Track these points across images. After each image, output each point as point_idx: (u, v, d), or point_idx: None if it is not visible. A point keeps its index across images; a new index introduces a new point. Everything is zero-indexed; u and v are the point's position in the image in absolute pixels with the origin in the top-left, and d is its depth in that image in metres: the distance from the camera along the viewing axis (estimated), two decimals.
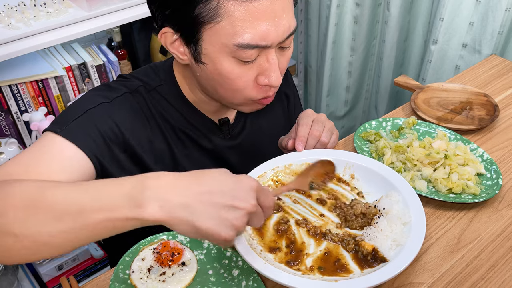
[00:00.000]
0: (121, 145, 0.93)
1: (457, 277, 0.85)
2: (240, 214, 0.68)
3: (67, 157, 0.85)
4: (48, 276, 1.92)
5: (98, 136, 0.89)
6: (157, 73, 1.01)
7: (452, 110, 1.27)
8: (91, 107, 0.91)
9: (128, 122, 0.94)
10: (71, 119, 0.89)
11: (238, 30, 0.81)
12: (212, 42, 0.84)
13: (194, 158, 1.03)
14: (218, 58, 0.85)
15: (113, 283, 0.81)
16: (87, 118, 0.90)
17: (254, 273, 0.82)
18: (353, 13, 2.05)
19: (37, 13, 1.62)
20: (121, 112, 0.94)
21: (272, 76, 0.88)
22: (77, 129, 0.88)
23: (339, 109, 2.39)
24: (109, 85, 0.98)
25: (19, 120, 1.75)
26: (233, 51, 0.83)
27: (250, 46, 0.82)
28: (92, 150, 0.87)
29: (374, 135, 1.15)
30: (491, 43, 1.57)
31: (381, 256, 0.82)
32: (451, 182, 0.99)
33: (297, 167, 1.02)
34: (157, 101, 0.98)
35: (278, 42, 0.85)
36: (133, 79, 1.00)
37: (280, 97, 1.21)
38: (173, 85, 1.00)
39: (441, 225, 0.95)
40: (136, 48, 2.07)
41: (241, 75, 0.87)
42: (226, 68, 0.86)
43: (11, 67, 1.71)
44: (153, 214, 0.64)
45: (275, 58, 0.87)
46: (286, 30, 0.85)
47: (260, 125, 1.14)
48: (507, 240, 0.91)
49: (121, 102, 0.95)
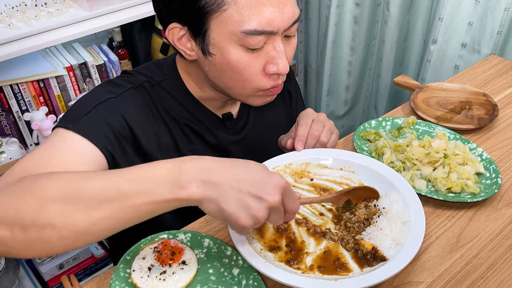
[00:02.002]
0: (129, 139, 0.94)
1: (457, 276, 0.86)
2: (263, 206, 0.70)
3: (82, 151, 0.86)
4: (49, 275, 1.92)
5: (109, 130, 0.90)
6: (160, 69, 1.02)
7: (451, 109, 1.27)
8: (99, 103, 0.92)
9: (135, 116, 0.95)
10: (81, 114, 0.90)
11: (245, 17, 0.83)
12: (220, 32, 0.85)
13: (199, 153, 1.03)
14: (226, 47, 0.87)
15: (113, 281, 0.81)
16: (97, 113, 0.91)
17: (254, 272, 0.83)
18: (353, 13, 2.05)
19: (38, 13, 1.63)
20: (129, 106, 0.95)
21: (280, 63, 0.89)
22: (88, 124, 0.89)
23: (338, 109, 2.39)
24: (114, 81, 0.99)
25: (20, 120, 1.75)
26: (240, 38, 0.85)
27: (257, 32, 0.84)
28: (105, 144, 0.88)
29: (373, 135, 1.15)
30: (490, 43, 1.57)
31: (381, 255, 0.82)
32: (450, 181, 1.00)
33: (297, 167, 1.02)
34: (161, 96, 0.99)
35: (284, 29, 0.87)
36: (137, 75, 1.01)
37: (283, 93, 1.22)
38: (176, 80, 1.01)
39: (440, 224, 0.95)
40: (137, 47, 2.07)
41: (249, 64, 0.88)
42: (235, 57, 0.87)
43: (12, 67, 1.72)
44: (192, 194, 0.67)
45: (281, 45, 0.88)
46: (291, 17, 0.87)
47: (263, 120, 1.15)
48: (506, 239, 0.92)
49: (127, 97, 0.96)
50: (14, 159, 1.63)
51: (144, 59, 2.11)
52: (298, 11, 0.90)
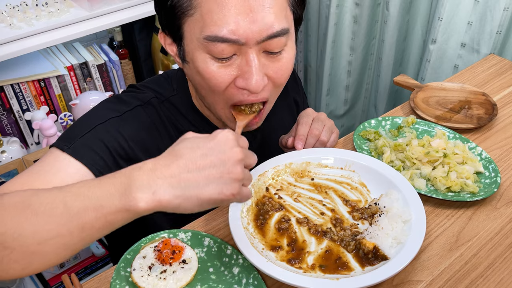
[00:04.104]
0: (130, 160, 0.91)
1: (456, 274, 0.86)
2: (231, 164, 0.65)
3: (70, 173, 0.84)
4: (50, 274, 1.93)
5: (105, 152, 0.88)
6: (169, 83, 1.00)
7: (451, 109, 1.27)
8: (100, 123, 0.90)
9: (138, 136, 0.93)
10: (78, 135, 0.88)
11: (207, 22, 0.78)
12: (191, 38, 0.82)
13: None
14: (195, 54, 0.83)
15: (114, 280, 0.81)
16: (95, 134, 0.89)
17: (254, 270, 0.83)
18: (353, 12, 2.05)
19: (39, 13, 1.63)
20: (132, 126, 0.93)
21: (252, 79, 0.81)
22: (83, 146, 0.87)
23: (338, 108, 2.39)
24: (120, 98, 0.97)
25: (21, 119, 1.76)
26: (204, 45, 0.80)
27: (219, 39, 0.78)
28: (98, 167, 0.86)
29: (373, 134, 1.16)
30: (489, 42, 1.58)
31: (382, 254, 0.83)
32: (449, 180, 1.00)
33: (298, 166, 1.02)
34: (170, 111, 0.98)
35: (256, 41, 0.79)
36: (146, 90, 0.99)
37: (291, 104, 1.21)
38: (184, 95, 0.99)
39: (440, 223, 0.96)
40: (137, 47, 2.08)
41: (216, 74, 0.82)
42: (201, 65, 0.82)
43: (13, 67, 1.72)
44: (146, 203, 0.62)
45: (255, 60, 0.81)
46: (265, 28, 0.79)
47: (270, 134, 1.13)
48: (506, 238, 0.92)
49: (132, 116, 0.94)
50: (15, 158, 1.64)
51: (144, 59, 2.11)
52: (283, 24, 0.81)
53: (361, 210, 0.93)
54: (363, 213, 0.92)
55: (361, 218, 0.92)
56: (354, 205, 0.95)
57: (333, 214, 0.94)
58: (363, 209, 0.93)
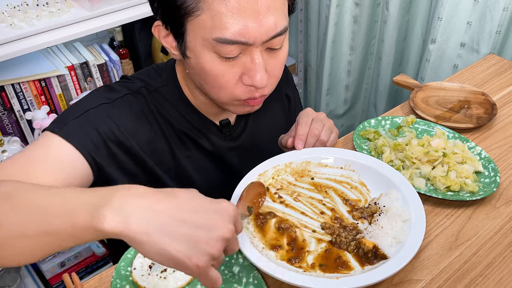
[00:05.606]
0: (121, 145, 0.93)
1: (456, 274, 0.86)
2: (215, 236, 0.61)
3: (61, 156, 0.85)
4: (51, 273, 1.93)
5: (96, 136, 0.89)
6: (159, 74, 1.02)
7: (450, 108, 1.28)
8: (91, 107, 0.92)
9: (128, 123, 0.94)
10: (70, 118, 0.90)
11: (217, 25, 0.79)
12: (195, 36, 0.83)
13: (195, 159, 1.04)
14: (200, 52, 0.84)
15: (114, 280, 0.81)
16: (87, 117, 0.91)
17: (254, 270, 0.83)
18: (353, 12, 2.06)
19: (39, 13, 1.63)
20: (122, 113, 0.94)
21: (256, 76, 0.85)
22: (74, 128, 0.88)
23: (338, 108, 2.40)
24: (111, 86, 0.99)
25: (21, 119, 1.76)
26: (213, 46, 0.82)
27: (228, 41, 0.80)
28: (88, 149, 0.87)
29: (373, 134, 1.16)
30: (489, 42, 1.58)
31: (382, 253, 0.83)
32: (449, 180, 1.00)
33: (298, 166, 1.03)
34: (159, 102, 0.99)
35: (262, 41, 0.83)
36: (135, 80, 1.00)
37: (282, 98, 1.22)
38: (174, 86, 1.00)
39: (439, 223, 0.96)
40: (138, 47, 2.08)
41: (223, 72, 0.85)
42: (208, 64, 0.85)
43: (14, 66, 1.72)
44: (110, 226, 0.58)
45: (260, 58, 0.84)
46: (271, 29, 0.82)
47: (261, 126, 1.14)
48: (505, 237, 0.93)
49: (122, 103, 0.95)
50: None
51: (145, 59, 2.11)
52: (284, 24, 0.85)
53: (360, 210, 0.94)
54: (363, 212, 0.93)
55: (361, 217, 0.92)
56: (354, 205, 0.96)
57: (333, 213, 0.94)
58: (363, 208, 0.94)
